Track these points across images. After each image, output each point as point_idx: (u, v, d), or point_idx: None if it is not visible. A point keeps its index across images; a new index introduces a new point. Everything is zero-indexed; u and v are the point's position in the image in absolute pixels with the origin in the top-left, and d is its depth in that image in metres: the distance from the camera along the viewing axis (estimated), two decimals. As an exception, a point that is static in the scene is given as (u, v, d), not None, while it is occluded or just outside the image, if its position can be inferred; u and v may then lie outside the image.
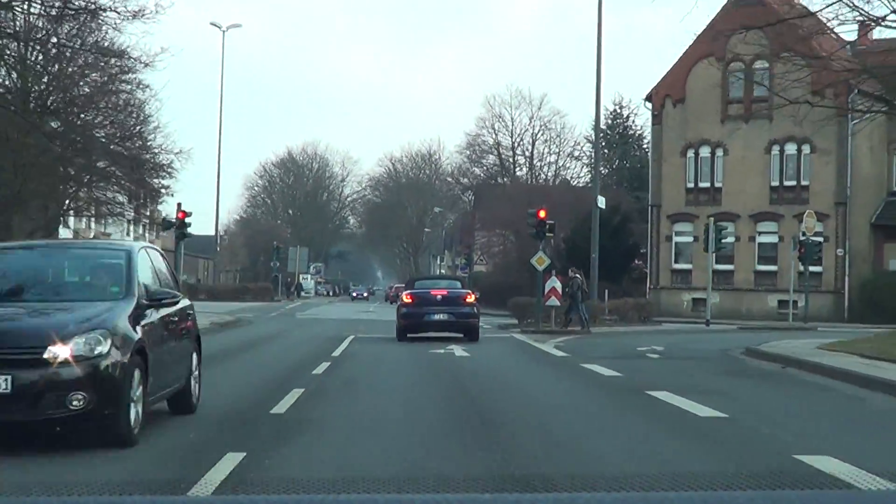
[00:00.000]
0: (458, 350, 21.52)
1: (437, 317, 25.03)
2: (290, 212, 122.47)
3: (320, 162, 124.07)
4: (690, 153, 49.03)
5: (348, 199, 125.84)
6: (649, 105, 49.97)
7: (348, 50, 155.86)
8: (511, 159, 79.78)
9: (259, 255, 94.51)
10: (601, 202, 36.17)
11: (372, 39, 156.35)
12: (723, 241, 39.25)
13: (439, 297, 25.26)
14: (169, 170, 46.17)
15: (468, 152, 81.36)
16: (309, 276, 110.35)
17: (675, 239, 49.55)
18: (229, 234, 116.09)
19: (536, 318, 31.41)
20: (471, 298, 25.52)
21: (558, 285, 29.93)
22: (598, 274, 37.02)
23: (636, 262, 58.64)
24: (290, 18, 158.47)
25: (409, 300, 25.39)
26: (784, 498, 1.79)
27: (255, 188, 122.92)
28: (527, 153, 77.69)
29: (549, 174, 68.27)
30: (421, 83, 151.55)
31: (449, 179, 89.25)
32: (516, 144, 79.02)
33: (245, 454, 8.16)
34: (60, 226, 44.08)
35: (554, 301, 29.97)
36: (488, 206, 68.12)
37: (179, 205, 35.15)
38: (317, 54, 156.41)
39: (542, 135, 74.50)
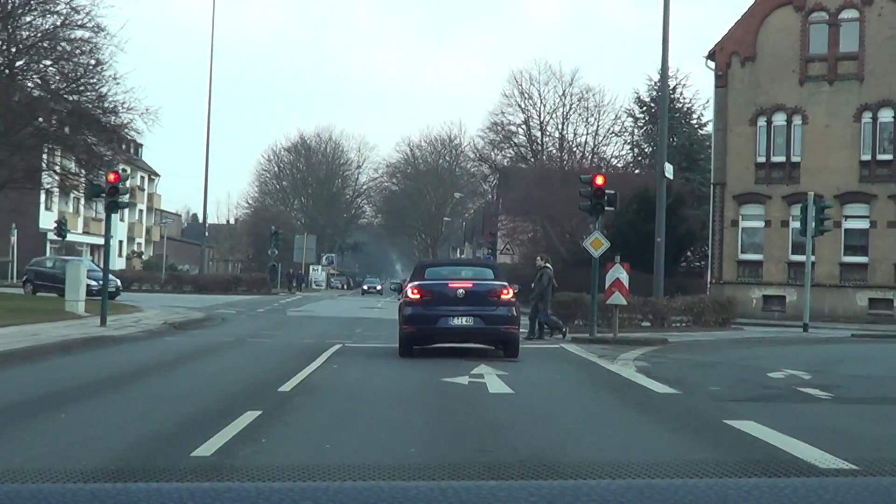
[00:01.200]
0: (492, 378, 13.56)
1: (457, 321, 17.13)
2: (302, 199, 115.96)
3: (334, 147, 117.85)
4: (762, 121, 40.86)
5: (364, 186, 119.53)
6: (712, 65, 41.80)
7: (369, 40, 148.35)
8: (540, 139, 71.64)
9: (265, 244, 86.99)
10: (668, 170, 28.10)
11: (393, 29, 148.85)
12: (825, 221, 31.04)
13: (461, 291, 17.22)
14: (132, 131, 38.63)
15: (492, 135, 73.12)
16: (320, 268, 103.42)
17: (743, 224, 41.41)
18: (240, 223, 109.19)
19: (590, 322, 23.44)
20: (508, 294, 17.35)
21: (624, 277, 21.91)
22: (663, 263, 29.04)
23: (690, 252, 50.67)
24: (310, 5, 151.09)
25: (417, 296, 17.37)
26: (789, 485, 1.65)
27: (265, 174, 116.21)
28: (557, 132, 69.49)
29: (585, 154, 59.93)
30: (443, 72, 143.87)
31: (471, 155, 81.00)
32: (545, 123, 70.98)
33: None
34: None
35: (618, 298, 21.93)
36: (515, 189, 60.37)
37: (118, 167, 27.03)
38: (335, 43, 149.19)
39: (575, 113, 66.24)
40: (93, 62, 34.66)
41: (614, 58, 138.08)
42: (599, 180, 23.28)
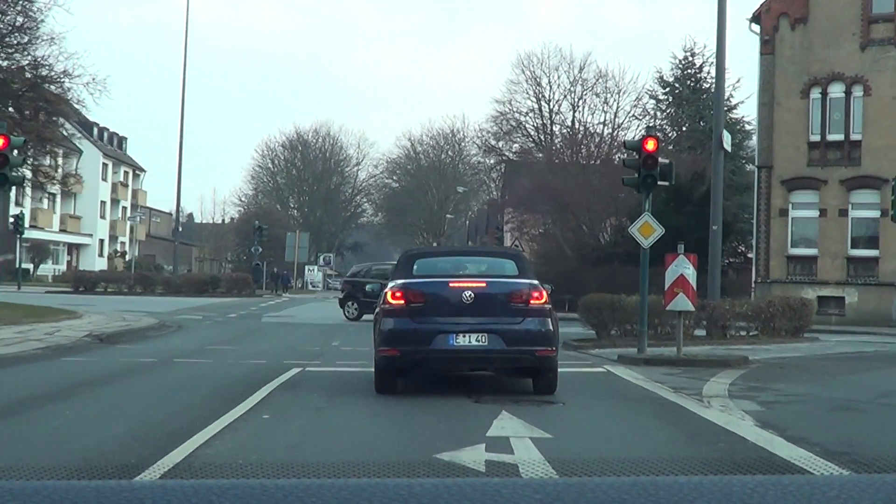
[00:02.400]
0: (524, 447, 7.61)
1: (463, 341, 11.29)
2: (299, 196, 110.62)
3: (332, 143, 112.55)
4: (815, 93, 34.99)
5: (363, 183, 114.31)
6: (756, 28, 35.86)
7: (371, 38, 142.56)
8: (549, 128, 65.67)
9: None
10: (726, 140, 22.19)
11: (396, 27, 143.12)
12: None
13: (468, 294, 11.42)
14: (73, 103, 32.79)
15: (495, 128, 66.94)
16: (315, 268, 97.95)
17: (793, 213, 35.49)
18: (229, 221, 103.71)
19: (639, 335, 17.57)
20: (541, 299, 11.50)
21: (691, 274, 15.95)
22: (720, 257, 23.22)
23: (725, 247, 44.88)
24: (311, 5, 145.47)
25: (401, 302, 11.57)
26: (794, 483, 1.66)
27: (259, 169, 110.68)
28: (569, 119, 63.48)
29: (603, 139, 53.82)
30: (447, 70, 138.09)
31: (476, 146, 75.12)
32: (555, 112, 65.02)
33: None
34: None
35: (684, 303, 15.95)
36: (522, 182, 54.66)
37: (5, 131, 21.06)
38: (337, 40, 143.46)
39: (589, 96, 60.20)
40: (22, 20, 28.81)
41: (627, 48, 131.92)
42: (651, 144, 17.38)
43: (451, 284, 11.56)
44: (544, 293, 11.47)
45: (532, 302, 11.32)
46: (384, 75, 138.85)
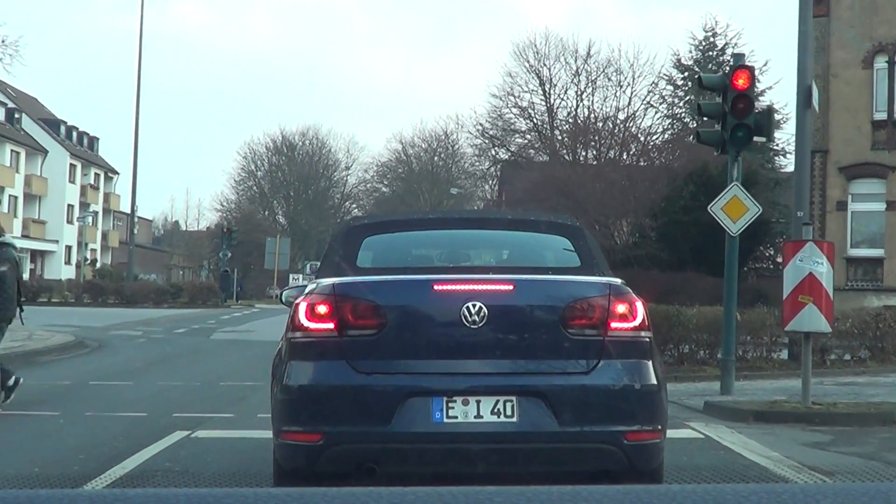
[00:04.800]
0: None
1: (466, 413, 5.11)
2: (284, 202, 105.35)
3: (320, 146, 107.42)
4: (881, 62, 29.22)
5: (353, 189, 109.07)
6: (807, -15, 29.94)
7: (365, 44, 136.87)
8: (551, 122, 59.71)
9: (236, 249, 75.16)
10: (815, 97, 16.23)
11: (390, 34, 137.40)
12: None
13: (474, 310, 5.21)
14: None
15: (491, 130, 60.83)
16: (301, 277, 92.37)
17: (853, 206, 29.64)
18: (207, 227, 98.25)
19: (723, 368, 11.63)
20: (632, 319, 5.30)
21: (826, 272, 9.96)
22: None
23: (761, 248, 39.09)
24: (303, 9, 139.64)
25: (329, 325, 5.34)
26: (787, 491, 1.67)
27: (242, 172, 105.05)
28: (573, 112, 57.45)
29: (616, 127, 47.78)
30: (440, 78, 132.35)
31: (470, 147, 69.30)
32: (555, 108, 59.03)
33: None
34: None
35: (814, 319, 9.87)
36: (525, 176, 49.08)
37: None
38: (329, 47, 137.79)
39: (598, 84, 54.17)
40: None
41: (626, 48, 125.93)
42: (742, 80, 11.49)
43: (437, 288, 5.48)
44: (638, 306, 5.41)
45: (615, 325, 5.28)
46: (375, 77, 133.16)
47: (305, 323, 5.47)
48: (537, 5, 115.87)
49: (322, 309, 5.42)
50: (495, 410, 5.13)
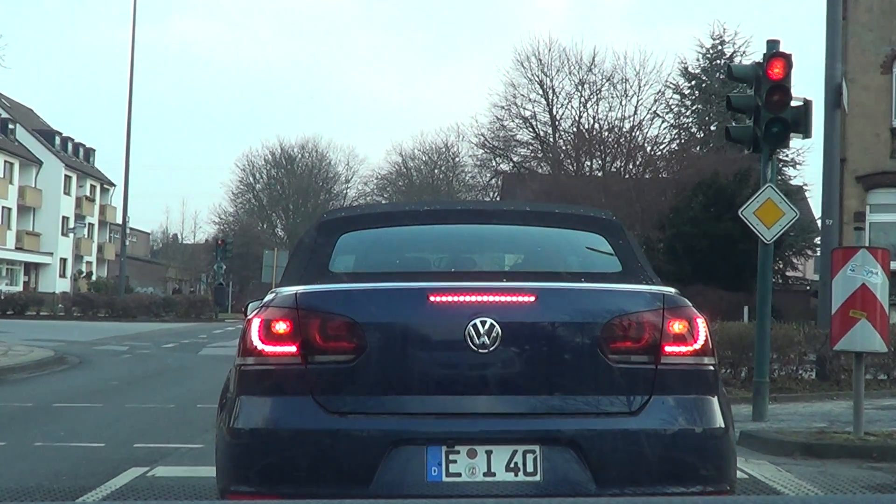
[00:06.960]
0: None
1: (472, 468, 3.75)
2: (283, 214, 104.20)
3: (320, 159, 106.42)
4: (900, 67, 28.07)
5: (353, 202, 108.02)
6: (822, -13, 28.77)
7: (365, 58, 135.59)
8: (551, 136, 58.47)
9: (231, 262, 73.89)
10: (845, 96, 14.87)
11: (390, 48, 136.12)
12: None
13: (483, 329, 3.94)
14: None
15: (493, 141, 59.60)
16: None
17: (872, 217, 28.40)
18: (213, 240, 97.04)
19: (756, 390, 10.41)
20: (692, 342, 4.03)
21: (880, 283, 8.78)
22: (829, 267, 16.07)
23: (778, 259, 37.73)
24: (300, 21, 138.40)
25: (291, 347, 4.01)
26: (779, 502, 1.33)
27: (240, 184, 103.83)
28: (576, 122, 56.21)
29: (621, 136, 46.50)
30: (439, 86, 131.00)
31: (473, 158, 68.06)
32: (558, 119, 57.80)
33: None
34: None
35: (868, 338, 8.73)
36: (528, 187, 48.05)
37: None
38: (327, 57, 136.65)
39: (602, 92, 52.91)
40: None
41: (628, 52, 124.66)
42: (777, 69, 10.27)
43: (433, 299, 4.17)
44: (700, 324, 4.13)
45: (670, 350, 4.02)
46: (375, 89, 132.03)
47: (259, 346, 4.13)
48: (540, 17, 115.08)
49: (281, 327, 4.09)
50: (512, 465, 3.83)
